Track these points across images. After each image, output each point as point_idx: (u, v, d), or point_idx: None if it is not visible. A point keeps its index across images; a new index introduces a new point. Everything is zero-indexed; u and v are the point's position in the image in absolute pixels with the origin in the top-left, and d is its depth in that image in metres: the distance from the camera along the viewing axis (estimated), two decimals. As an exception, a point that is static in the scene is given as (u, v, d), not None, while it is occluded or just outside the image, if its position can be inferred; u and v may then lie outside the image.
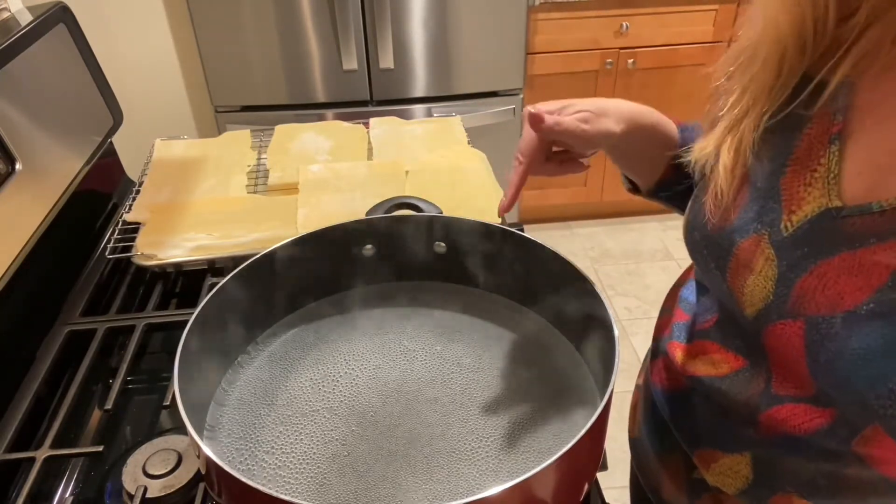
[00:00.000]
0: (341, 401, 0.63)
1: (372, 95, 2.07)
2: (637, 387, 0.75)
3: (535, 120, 0.58)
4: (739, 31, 0.53)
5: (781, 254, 0.48)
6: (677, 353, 0.63)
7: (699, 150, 0.56)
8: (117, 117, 1.09)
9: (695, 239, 0.57)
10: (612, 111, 0.61)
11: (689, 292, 0.66)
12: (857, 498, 0.50)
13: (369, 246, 0.73)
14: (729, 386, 0.56)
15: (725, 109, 0.53)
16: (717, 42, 2.28)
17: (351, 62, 1.98)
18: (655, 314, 0.71)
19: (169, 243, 0.92)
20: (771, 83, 0.49)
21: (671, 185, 0.69)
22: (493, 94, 2.13)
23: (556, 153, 0.64)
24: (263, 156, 1.15)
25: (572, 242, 2.62)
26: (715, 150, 0.54)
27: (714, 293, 0.58)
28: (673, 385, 0.63)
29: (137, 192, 1.05)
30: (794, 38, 0.47)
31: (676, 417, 0.63)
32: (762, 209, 0.50)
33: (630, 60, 2.26)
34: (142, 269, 0.92)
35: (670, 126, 0.66)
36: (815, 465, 0.51)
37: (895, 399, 0.41)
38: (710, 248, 0.55)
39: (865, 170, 0.45)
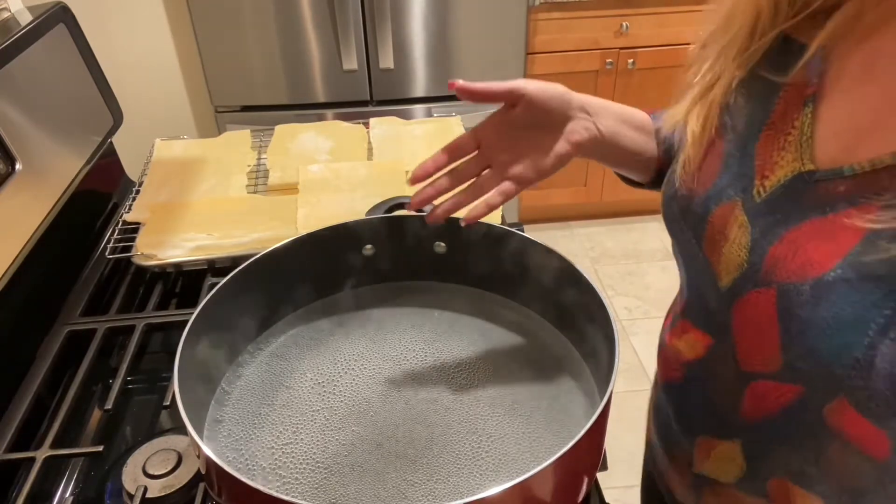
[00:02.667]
0: (341, 401, 0.63)
1: (372, 95, 2.07)
2: (652, 391, 0.75)
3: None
4: None
5: (754, 220, 0.48)
6: (670, 340, 0.62)
7: (669, 119, 0.56)
8: (117, 117, 1.09)
9: (672, 211, 0.56)
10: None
11: None
12: (848, 483, 0.50)
13: (369, 246, 0.73)
14: (706, 367, 0.56)
15: (698, 77, 0.53)
16: (717, 42, 2.28)
17: (351, 62, 1.98)
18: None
19: (169, 243, 0.92)
20: (745, 47, 0.49)
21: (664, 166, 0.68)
22: (494, 94, 2.13)
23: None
24: (263, 156, 1.15)
25: (572, 242, 2.62)
26: (684, 118, 0.54)
27: (689, 266, 0.57)
28: (670, 375, 0.63)
29: (137, 192, 1.05)
30: (769, 3, 0.47)
31: (675, 408, 0.63)
32: (736, 175, 0.50)
33: (630, 60, 2.26)
34: (142, 269, 0.92)
35: (639, 115, 0.66)
36: (799, 450, 0.50)
37: (860, 369, 0.41)
38: (686, 218, 0.54)
39: (839, 133, 0.44)
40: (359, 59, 1.98)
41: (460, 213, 0.63)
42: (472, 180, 0.62)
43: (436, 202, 0.63)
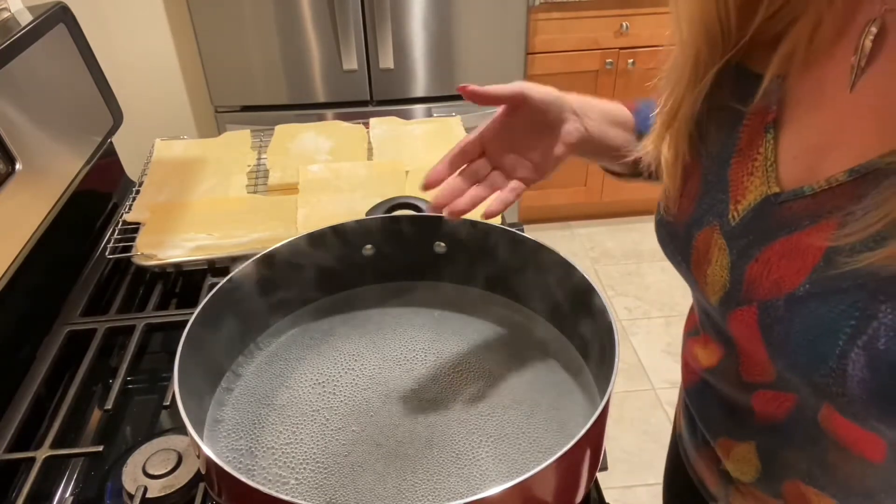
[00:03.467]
0: (341, 401, 0.63)
1: (372, 95, 2.07)
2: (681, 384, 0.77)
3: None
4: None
5: (731, 243, 0.50)
6: (691, 346, 0.65)
7: (643, 150, 0.58)
8: (117, 117, 1.09)
9: (661, 235, 0.60)
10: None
11: None
12: (855, 485, 0.51)
13: (369, 246, 0.73)
14: (719, 376, 0.58)
15: (660, 108, 0.55)
16: (717, 42, 2.28)
17: (351, 62, 1.98)
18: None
19: (169, 243, 0.92)
20: (693, 79, 0.51)
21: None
22: (493, 94, 2.13)
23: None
24: (263, 156, 1.15)
25: (572, 242, 2.62)
26: (655, 149, 0.57)
27: (688, 286, 0.60)
28: (693, 379, 0.65)
29: (137, 192, 1.05)
30: (703, 36, 0.49)
31: (698, 410, 0.65)
32: (713, 201, 0.52)
33: (630, 60, 2.26)
34: (142, 269, 0.92)
35: (620, 112, 0.67)
36: (805, 453, 0.52)
37: (836, 377, 0.42)
38: (675, 243, 0.57)
39: (798, 156, 0.47)
40: (359, 59, 1.98)
41: (476, 211, 0.63)
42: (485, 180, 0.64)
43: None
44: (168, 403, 0.72)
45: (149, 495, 0.61)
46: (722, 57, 0.50)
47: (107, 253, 0.93)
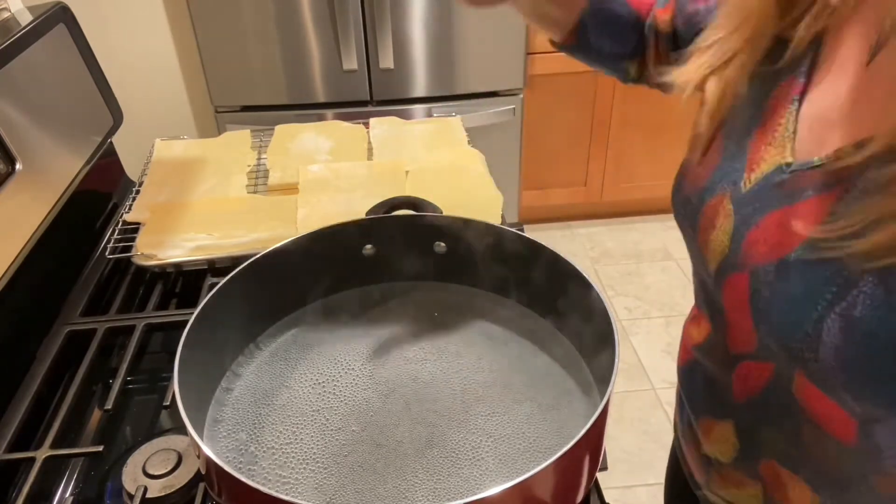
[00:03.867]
0: (341, 401, 0.63)
1: (372, 95, 2.07)
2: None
3: None
4: None
5: (738, 209, 0.51)
6: (687, 326, 0.66)
7: (680, 75, 0.57)
8: (117, 117, 1.09)
9: (676, 202, 0.60)
10: None
11: None
12: (827, 470, 0.51)
13: (369, 246, 0.73)
14: (706, 351, 0.59)
15: (714, 44, 0.54)
16: (717, 42, 2.28)
17: (351, 62, 1.98)
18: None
19: (169, 243, 0.92)
20: (760, 29, 0.50)
21: (586, 41, 0.74)
22: (493, 94, 2.12)
23: None
24: (263, 156, 1.15)
25: (572, 242, 2.62)
26: (699, 82, 0.55)
27: (691, 256, 0.61)
28: (683, 358, 0.66)
29: (137, 192, 1.05)
30: None
31: (687, 390, 0.66)
32: (729, 169, 0.53)
33: (630, 60, 2.26)
34: (142, 269, 0.92)
35: None
36: (781, 431, 0.52)
37: (810, 343, 0.43)
38: (686, 209, 0.58)
39: (813, 127, 0.47)
40: (359, 59, 1.98)
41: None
42: None
43: None
44: (168, 403, 0.72)
45: (149, 495, 0.61)
46: (783, 17, 0.49)
47: (107, 253, 0.93)
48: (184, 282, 0.95)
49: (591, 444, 0.52)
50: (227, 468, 0.45)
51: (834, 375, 0.43)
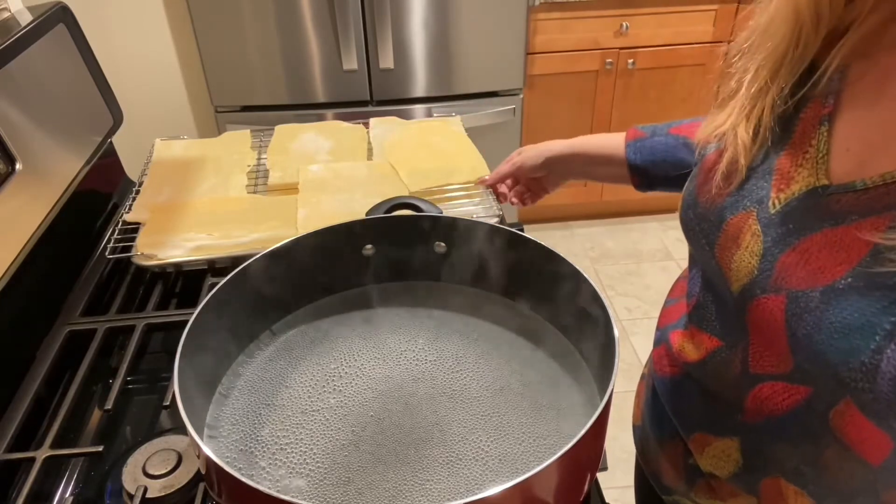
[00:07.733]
0: (341, 401, 0.63)
1: (372, 95, 2.07)
2: (643, 376, 0.77)
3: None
4: (756, 8, 0.54)
5: (767, 230, 0.50)
6: (675, 339, 0.64)
7: (711, 129, 0.57)
8: (117, 117, 1.09)
9: (689, 217, 0.59)
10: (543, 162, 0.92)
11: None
12: (840, 486, 0.51)
13: (369, 246, 0.73)
14: (709, 369, 0.58)
15: (743, 88, 0.54)
16: (717, 42, 2.28)
17: (351, 62, 1.98)
18: (655, 314, 0.72)
19: (169, 243, 0.92)
20: (788, 56, 0.50)
21: (654, 182, 0.85)
22: (493, 94, 2.13)
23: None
24: (263, 156, 1.15)
25: (572, 242, 2.62)
26: (732, 129, 0.55)
27: (704, 271, 0.60)
28: (671, 372, 0.65)
29: (137, 192, 1.05)
30: (810, 9, 0.48)
31: (673, 404, 0.65)
32: (754, 187, 0.52)
33: (630, 60, 2.26)
34: (142, 269, 0.92)
35: (609, 148, 0.85)
36: (798, 450, 0.51)
37: (866, 372, 0.42)
38: (701, 225, 0.57)
39: (853, 149, 0.47)
40: (359, 59, 1.98)
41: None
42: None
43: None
44: (168, 403, 0.72)
45: (149, 495, 0.61)
46: (822, 35, 0.49)
47: (107, 253, 0.93)
48: (184, 282, 0.95)
49: (591, 444, 0.52)
50: (227, 468, 0.45)
51: (889, 405, 0.42)
